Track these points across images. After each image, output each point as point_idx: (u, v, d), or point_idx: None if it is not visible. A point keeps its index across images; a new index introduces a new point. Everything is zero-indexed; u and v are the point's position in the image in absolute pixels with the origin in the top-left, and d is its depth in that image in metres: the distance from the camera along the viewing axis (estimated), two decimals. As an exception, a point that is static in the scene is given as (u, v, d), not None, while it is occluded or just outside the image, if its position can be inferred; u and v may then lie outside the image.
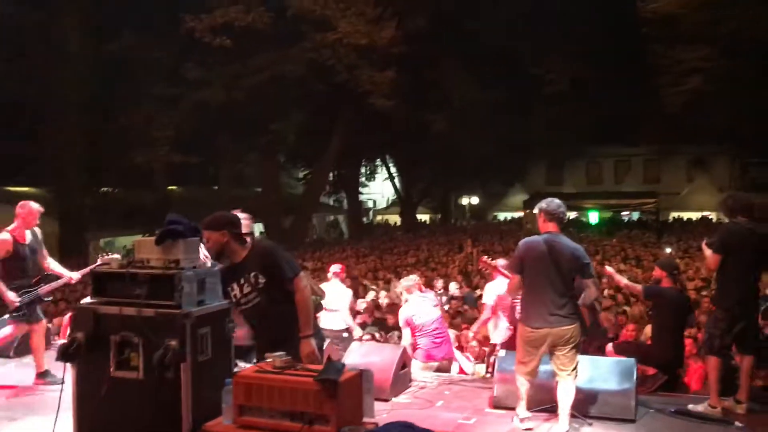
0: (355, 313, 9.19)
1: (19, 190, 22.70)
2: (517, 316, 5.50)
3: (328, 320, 7.85)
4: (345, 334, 8.08)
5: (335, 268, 8.70)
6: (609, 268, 7.07)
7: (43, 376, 6.66)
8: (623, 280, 6.83)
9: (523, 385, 5.01)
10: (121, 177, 20.71)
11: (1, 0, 17.39)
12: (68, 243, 18.57)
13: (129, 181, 20.74)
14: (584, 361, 5.36)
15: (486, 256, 8.70)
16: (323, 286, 8.03)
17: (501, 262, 7.31)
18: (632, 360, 5.57)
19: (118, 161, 19.92)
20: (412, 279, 7.58)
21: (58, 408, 3.69)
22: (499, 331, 7.08)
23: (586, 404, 5.26)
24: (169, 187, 21.94)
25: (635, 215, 32.40)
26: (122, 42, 19.16)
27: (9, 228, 6.44)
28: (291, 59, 20.24)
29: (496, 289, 6.99)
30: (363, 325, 8.92)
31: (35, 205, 6.64)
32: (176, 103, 19.96)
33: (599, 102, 26.60)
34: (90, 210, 19.85)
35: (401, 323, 7.21)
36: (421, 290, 7.41)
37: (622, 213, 32.10)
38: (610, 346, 6.48)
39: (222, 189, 21.34)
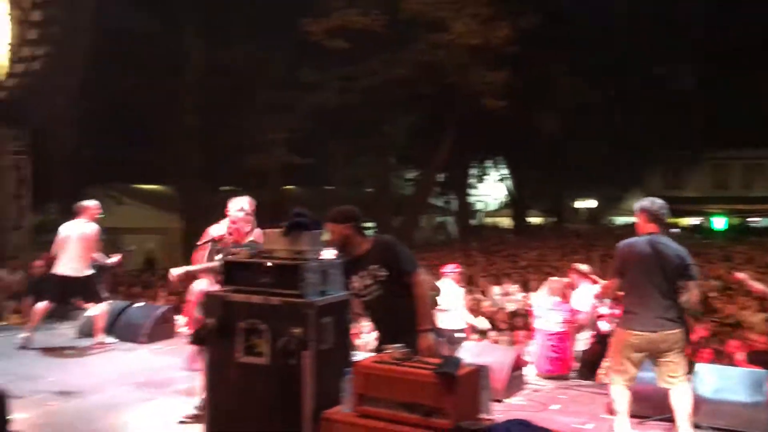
0: (473, 312, 9.17)
1: (148, 188, 24.19)
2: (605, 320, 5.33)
3: (441, 319, 7.87)
4: (457, 334, 8.07)
5: (449, 267, 8.69)
6: (740, 274, 6.72)
7: None
8: (757, 285, 6.46)
9: (622, 395, 4.71)
10: (239, 177, 21.57)
11: (122, 12, 18.50)
12: (192, 237, 19.58)
13: (246, 182, 21.57)
14: (711, 370, 5.12)
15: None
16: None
17: (584, 267, 7.15)
18: (765, 372, 5.26)
19: (235, 163, 20.77)
20: (557, 281, 7.51)
21: (194, 390, 3.89)
22: (582, 338, 6.95)
23: (712, 415, 5.02)
24: (284, 187, 22.68)
25: (766, 221, 30.47)
26: (237, 48, 20.01)
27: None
28: (403, 61, 20.42)
29: (585, 296, 6.84)
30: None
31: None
32: (291, 106, 20.60)
33: (726, 102, 25.24)
34: (210, 207, 20.83)
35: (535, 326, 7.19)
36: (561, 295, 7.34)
37: (750, 219, 30.25)
38: (740, 355, 6.15)
39: (334, 189, 21.85)
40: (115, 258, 8.51)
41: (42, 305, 8.20)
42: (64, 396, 6.58)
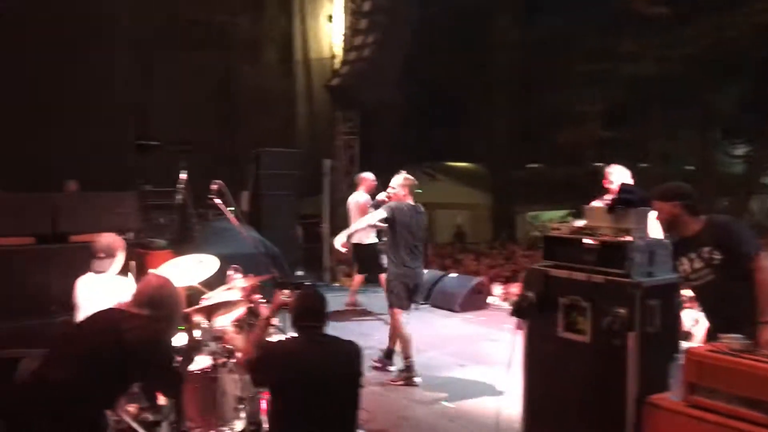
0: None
1: (458, 165, 25.21)
2: None
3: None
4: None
5: None
6: None
7: None
8: None
9: None
10: (549, 153, 21.38)
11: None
12: (499, 214, 20.04)
13: (556, 157, 21.30)
14: None
15: None
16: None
17: None
18: None
19: (545, 138, 20.61)
20: None
21: (510, 360, 3.99)
22: None
23: None
24: (596, 164, 21.97)
25: None
26: (547, 23, 19.73)
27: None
28: (733, 25, 18.35)
29: None
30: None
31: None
32: (604, 79, 19.82)
33: None
34: (519, 184, 21.03)
35: None
36: None
37: None
38: None
39: (650, 166, 20.56)
40: None
41: (358, 276, 9.18)
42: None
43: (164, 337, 3.18)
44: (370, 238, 8.85)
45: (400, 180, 6.42)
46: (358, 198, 9.04)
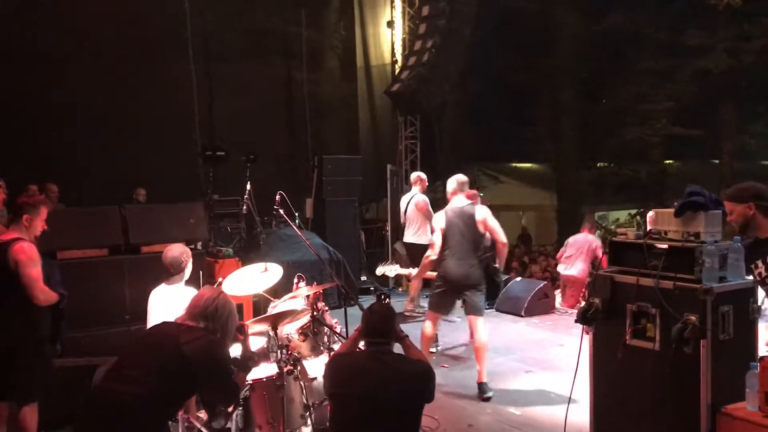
0: None
1: (522, 166, 24.92)
2: None
3: None
4: None
5: None
6: None
7: None
8: None
9: None
10: (616, 152, 20.89)
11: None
12: (565, 214, 19.69)
13: (624, 156, 20.79)
14: None
15: None
16: None
17: None
18: None
19: (611, 137, 20.15)
20: None
21: (577, 367, 3.92)
22: None
23: None
24: (666, 161, 21.33)
25: None
26: (611, 20, 19.27)
27: None
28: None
29: None
30: None
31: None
32: (673, 73, 19.25)
33: None
34: (586, 184, 20.61)
35: None
36: None
37: None
38: None
39: (723, 163, 19.82)
40: None
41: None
42: (453, 359, 7.21)
43: (220, 348, 3.25)
44: (423, 239, 8.62)
45: (449, 183, 6.32)
46: (417, 199, 8.85)
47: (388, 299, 3.76)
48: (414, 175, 9.22)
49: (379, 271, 6.99)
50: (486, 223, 6.04)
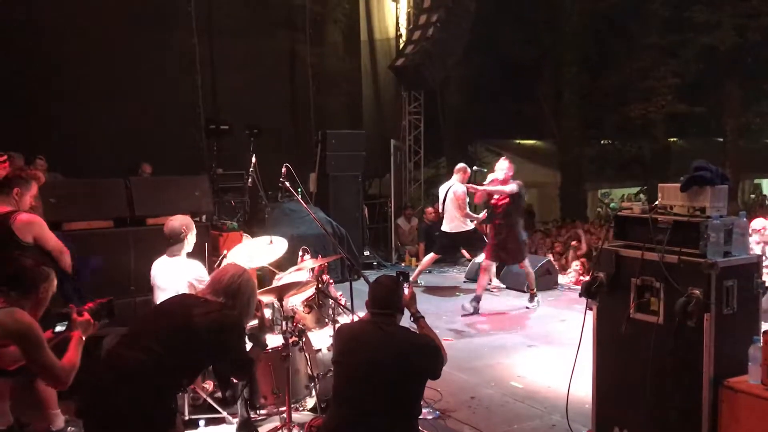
0: None
1: (525, 142, 24.82)
2: None
3: None
4: None
5: None
6: None
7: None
8: None
9: None
10: (618, 129, 20.77)
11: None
12: (568, 192, 19.65)
13: (626, 134, 20.68)
14: None
15: None
16: None
17: None
18: None
19: (616, 113, 20.03)
20: None
21: (580, 341, 3.95)
22: None
23: None
24: (669, 139, 21.22)
25: None
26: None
27: None
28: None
29: None
30: None
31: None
32: (677, 50, 19.07)
33: None
34: (588, 161, 20.53)
35: None
36: None
37: None
38: None
39: (726, 141, 19.72)
40: (480, 214, 9.02)
41: (430, 255, 9.25)
42: (457, 333, 7.26)
43: (234, 323, 3.25)
44: (461, 227, 9.04)
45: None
46: (456, 188, 8.93)
47: (406, 281, 3.75)
48: (459, 166, 9.23)
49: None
50: None
